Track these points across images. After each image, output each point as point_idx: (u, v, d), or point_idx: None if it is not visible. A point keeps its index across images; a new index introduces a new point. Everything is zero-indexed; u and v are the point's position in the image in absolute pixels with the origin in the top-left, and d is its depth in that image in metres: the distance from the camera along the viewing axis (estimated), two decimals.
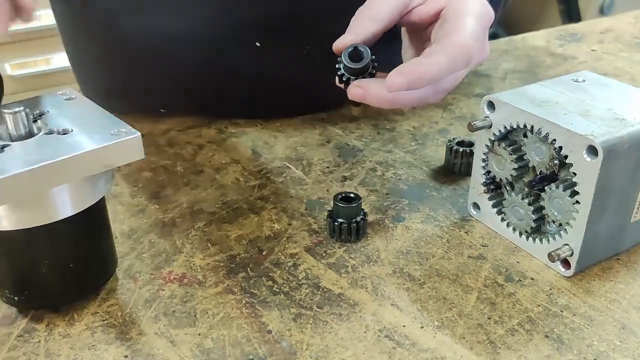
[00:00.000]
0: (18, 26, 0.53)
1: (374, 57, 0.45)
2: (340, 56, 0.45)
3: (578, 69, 0.79)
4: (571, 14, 2.32)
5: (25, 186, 0.33)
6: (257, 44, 0.60)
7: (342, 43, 0.46)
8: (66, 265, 0.38)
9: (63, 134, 0.36)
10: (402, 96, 0.44)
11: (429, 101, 0.47)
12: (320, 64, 0.62)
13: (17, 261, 0.38)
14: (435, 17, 0.47)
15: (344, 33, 0.47)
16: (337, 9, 0.52)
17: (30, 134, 0.36)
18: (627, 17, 1.02)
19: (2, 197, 0.33)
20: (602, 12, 2.36)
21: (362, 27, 0.46)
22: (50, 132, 0.36)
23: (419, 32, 0.49)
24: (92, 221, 0.39)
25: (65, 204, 0.36)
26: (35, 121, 0.37)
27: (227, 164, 0.57)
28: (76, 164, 0.35)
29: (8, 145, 0.35)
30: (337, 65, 0.46)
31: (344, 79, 0.45)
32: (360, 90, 0.44)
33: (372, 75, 0.46)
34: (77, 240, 0.38)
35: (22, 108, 0.35)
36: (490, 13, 0.46)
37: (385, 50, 0.48)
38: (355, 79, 0.45)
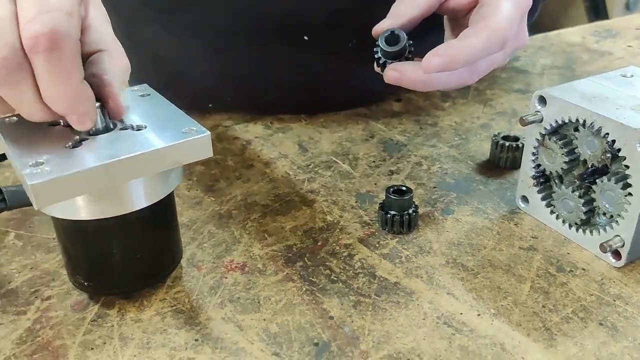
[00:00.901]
0: None
1: (410, 41, 0.47)
2: (378, 40, 0.47)
3: (615, 65, 0.79)
4: (597, 10, 2.30)
5: (99, 179, 0.35)
6: (305, 37, 0.62)
7: (380, 27, 0.48)
8: (136, 255, 0.40)
9: (137, 130, 0.38)
10: (437, 78, 0.46)
11: (465, 83, 0.48)
12: (363, 58, 0.64)
13: (90, 249, 0.40)
14: (474, 4, 0.48)
15: None
16: (379, 5, 0.54)
17: (107, 129, 0.38)
18: None
19: (78, 189, 0.35)
20: (628, 8, 2.34)
21: (400, 13, 0.48)
22: (125, 128, 0.38)
23: (459, 19, 0.51)
24: (162, 213, 0.41)
25: (137, 197, 0.38)
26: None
27: (275, 159, 0.59)
28: (148, 160, 0.36)
29: (86, 139, 0.37)
30: (374, 49, 0.48)
31: (380, 62, 0.47)
32: (395, 73, 0.46)
33: (408, 59, 0.47)
34: (147, 231, 0.40)
35: (100, 104, 0.37)
36: (528, 0, 0.47)
37: (426, 39, 0.49)
38: (392, 63, 0.47)
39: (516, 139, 0.56)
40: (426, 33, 0.50)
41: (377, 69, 0.49)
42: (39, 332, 0.39)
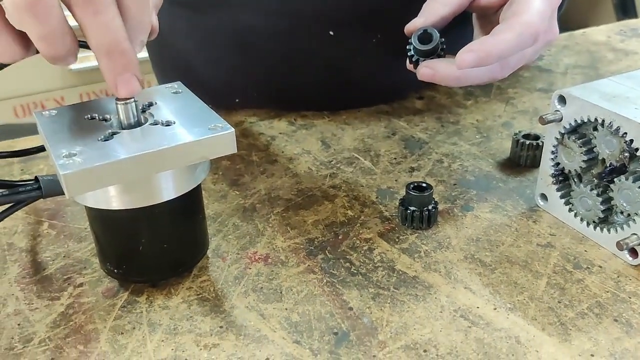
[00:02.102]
0: None
1: (442, 39, 0.48)
2: (411, 38, 0.48)
3: None
4: (626, 7, 2.28)
5: (128, 171, 0.37)
6: (331, 32, 0.63)
7: (413, 25, 0.49)
8: (164, 244, 0.42)
9: (166, 125, 0.40)
10: (470, 73, 0.47)
11: (496, 78, 0.50)
12: (387, 54, 0.65)
13: (121, 238, 0.42)
14: (504, 1, 0.49)
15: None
16: (402, 1, 0.55)
17: (138, 123, 0.40)
18: None
19: (108, 179, 0.36)
20: None
21: (433, 10, 0.49)
22: (156, 123, 0.40)
23: (489, 16, 0.52)
24: (189, 205, 0.42)
25: (166, 189, 0.40)
26: (144, 111, 0.41)
27: (299, 154, 0.60)
28: (175, 154, 0.38)
29: (118, 132, 0.39)
30: (407, 47, 0.49)
31: (413, 59, 0.48)
32: (429, 70, 0.47)
33: (440, 57, 0.48)
34: (174, 221, 0.42)
35: (132, 99, 0.39)
36: None
37: (457, 34, 0.50)
38: (425, 60, 0.48)
39: (537, 137, 0.56)
40: (455, 29, 0.51)
41: (410, 67, 0.50)
42: (72, 317, 0.41)
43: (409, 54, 0.49)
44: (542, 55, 0.83)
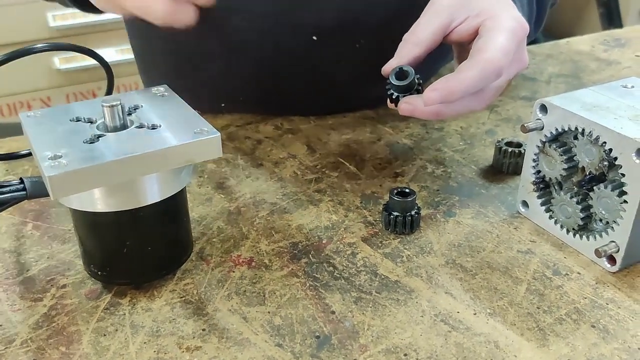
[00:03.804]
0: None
1: (418, 75, 0.50)
2: (388, 77, 0.50)
3: (622, 74, 0.80)
4: (611, 17, 2.30)
5: (114, 174, 0.37)
6: (314, 37, 0.64)
7: (389, 66, 0.51)
8: (148, 247, 0.42)
9: (152, 129, 0.40)
10: (447, 108, 0.49)
11: (474, 110, 0.52)
12: (371, 59, 0.66)
13: (105, 240, 0.42)
14: (475, 34, 0.51)
15: (392, 31, 0.53)
16: (384, 8, 0.56)
17: (124, 126, 0.40)
18: None
19: (93, 182, 0.37)
20: None
21: (406, 51, 0.52)
22: (141, 126, 0.40)
23: (464, 46, 0.53)
24: (173, 208, 0.42)
25: (151, 192, 0.40)
26: (129, 114, 0.41)
27: (284, 159, 0.61)
28: (160, 158, 0.38)
29: (104, 135, 0.39)
30: (386, 87, 0.51)
31: (393, 97, 0.51)
32: (409, 106, 0.50)
33: (418, 92, 0.51)
34: (159, 224, 0.42)
35: (118, 102, 0.39)
36: (524, 26, 0.51)
37: (439, 52, 0.51)
38: (404, 96, 0.50)
39: (519, 145, 0.57)
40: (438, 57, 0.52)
41: (391, 105, 0.52)
42: (54, 318, 0.41)
43: (388, 92, 0.51)
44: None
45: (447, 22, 0.52)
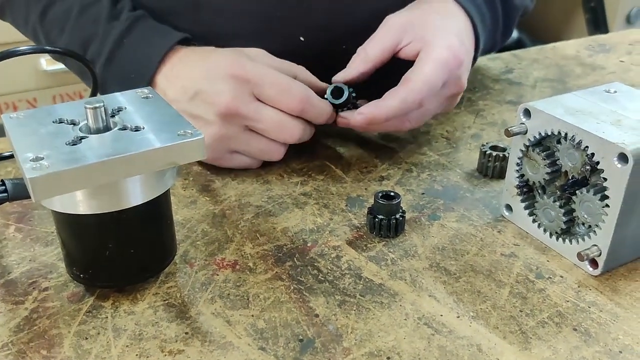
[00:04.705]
0: None
1: (352, 91, 0.58)
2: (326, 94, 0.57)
3: (606, 79, 0.81)
4: (597, 22, 2.33)
5: (96, 176, 0.37)
6: (301, 38, 0.64)
7: (334, 79, 0.59)
8: (130, 250, 0.42)
9: (135, 131, 0.40)
10: (373, 126, 0.57)
11: (400, 130, 0.60)
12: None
13: (87, 242, 0.41)
14: (417, 55, 0.57)
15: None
16: (369, 17, 0.60)
17: (107, 128, 0.40)
18: None
19: (75, 184, 0.36)
20: (629, 21, 2.36)
21: (355, 66, 0.58)
22: (124, 128, 0.40)
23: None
24: (157, 211, 0.42)
25: (134, 194, 0.40)
26: (113, 116, 0.41)
27: (270, 162, 0.60)
28: (144, 160, 0.38)
29: (86, 137, 0.39)
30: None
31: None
32: (344, 120, 0.57)
33: (355, 106, 0.58)
34: (142, 227, 0.42)
35: (102, 104, 0.39)
36: (457, 57, 0.56)
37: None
38: (341, 111, 0.58)
39: (504, 149, 0.57)
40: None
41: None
42: (36, 322, 0.41)
43: None
44: (513, 68, 0.85)
45: (396, 42, 0.58)
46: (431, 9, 0.61)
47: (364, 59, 0.58)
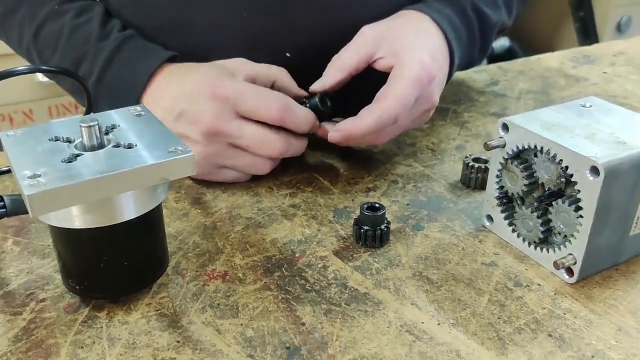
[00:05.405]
0: None
1: (329, 104, 0.60)
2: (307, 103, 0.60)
3: (589, 91, 0.83)
4: (587, 31, 2.36)
5: (91, 192, 0.38)
6: (288, 54, 0.66)
7: (312, 89, 0.61)
8: (124, 262, 0.43)
9: (128, 148, 0.42)
10: (349, 141, 0.59)
11: (375, 143, 0.64)
12: None
13: (83, 255, 0.43)
14: (390, 70, 0.60)
15: None
16: (353, 33, 0.63)
17: (101, 146, 0.42)
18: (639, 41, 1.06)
19: (71, 200, 0.38)
20: (620, 29, 2.39)
21: (331, 75, 0.61)
22: (118, 146, 0.42)
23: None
24: (149, 224, 0.44)
25: (127, 209, 0.41)
26: (107, 133, 0.43)
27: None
28: (136, 176, 0.40)
29: (81, 154, 0.41)
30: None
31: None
32: (323, 131, 0.60)
33: (331, 116, 0.61)
34: (135, 240, 0.43)
35: (96, 123, 0.41)
36: (430, 73, 0.59)
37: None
38: (323, 122, 0.60)
39: (486, 161, 0.59)
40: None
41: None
42: (33, 332, 0.42)
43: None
44: (498, 80, 0.87)
45: (371, 52, 0.60)
46: (406, 25, 0.64)
47: (340, 67, 0.60)
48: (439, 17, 0.65)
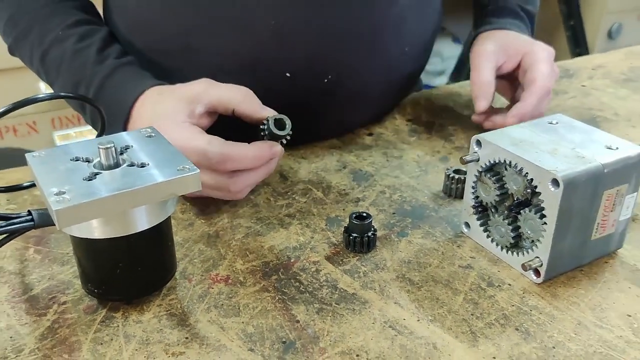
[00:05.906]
0: None
1: (290, 131, 0.61)
2: (267, 121, 0.61)
3: (568, 104, 0.89)
4: (577, 40, 2.41)
5: (110, 206, 0.44)
6: (287, 74, 0.71)
7: (479, 108, 0.75)
8: (138, 268, 0.49)
9: (141, 167, 0.47)
10: (526, 118, 0.71)
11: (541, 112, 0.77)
12: (339, 93, 0.74)
13: (100, 262, 0.48)
14: (516, 69, 0.76)
15: (356, 67, 0.73)
16: (350, 47, 0.69)
17: (117, 165, 0.47)
18: (618, 54, 1.11)
19: (93, 214, 0.44)
20: (611, 36, 2.45)
21: (485, 91, 0.74)
22: (132, 165, 0.47)
23: (505, 81, 0.79)
24: (160, 234, 0.49)
25: (141, 221, 0.47)
26: (122, 153, 0.48)
27: (259, 186, 0.68)
28: (149, 192, 0.45)
29: (100, 173, 0.46)
30: (261, 126, 0.62)
31: (264, 135, 0.62)
32: (491, 123, 0.76)
33: (284, 139, 0.61)
34: (147, 248, 0.49)
35: (112, 144, 0.46)
36: (552, 51, 0.76)
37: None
38: (281, 142, 0.62)
39: (466, 172, 0.65)
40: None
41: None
42: (57, 331, 0.47)
43: (261, 133, 0.61)
44: None
45: (495, 65, 0.75)
46: (502, 34, 0.79)
47: (486, 82, 0.74)
48: (513, 27, 0.81)
